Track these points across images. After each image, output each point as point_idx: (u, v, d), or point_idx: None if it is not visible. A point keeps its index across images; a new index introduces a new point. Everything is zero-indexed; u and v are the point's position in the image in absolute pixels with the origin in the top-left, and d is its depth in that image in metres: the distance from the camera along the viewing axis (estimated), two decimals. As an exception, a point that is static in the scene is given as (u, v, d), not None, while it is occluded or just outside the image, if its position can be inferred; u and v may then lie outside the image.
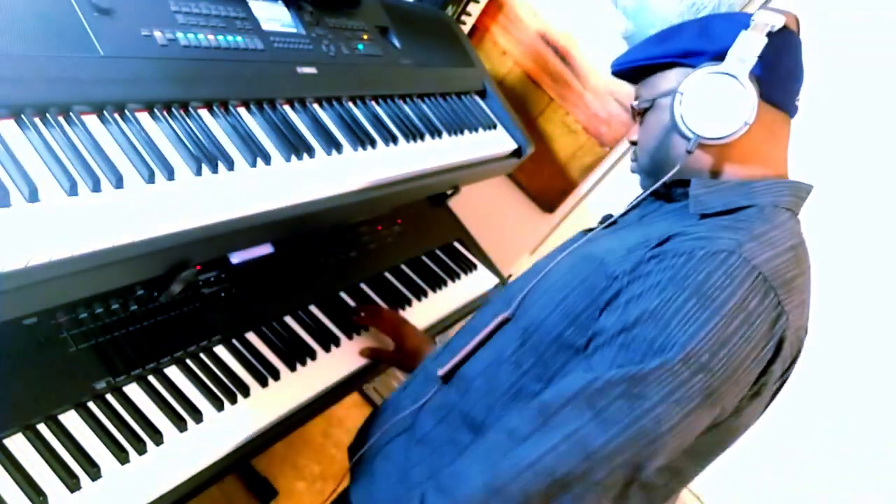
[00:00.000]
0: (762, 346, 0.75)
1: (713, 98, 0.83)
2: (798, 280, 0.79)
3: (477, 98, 1.72)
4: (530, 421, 0.77)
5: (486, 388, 0.88)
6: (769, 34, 0.82)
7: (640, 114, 0.95)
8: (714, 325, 0.71)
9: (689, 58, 0.87)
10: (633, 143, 0.98)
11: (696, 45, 0.87)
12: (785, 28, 0.84)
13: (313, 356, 1.25)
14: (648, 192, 0.92)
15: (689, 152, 0.85)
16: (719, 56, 0.84)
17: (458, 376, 0.94)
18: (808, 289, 0.83)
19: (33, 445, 0.87)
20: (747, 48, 0.82)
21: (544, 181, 2.09)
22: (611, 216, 0.99)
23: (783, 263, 0.77)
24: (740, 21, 0.84)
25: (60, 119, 0.84)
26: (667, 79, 0.90)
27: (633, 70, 0.95)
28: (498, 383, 0.87)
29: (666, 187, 0.91)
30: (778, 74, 0.85)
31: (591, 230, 0.98)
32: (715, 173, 0.88)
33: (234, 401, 1.09)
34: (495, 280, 1.82)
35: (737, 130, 0.83)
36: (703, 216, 0.84)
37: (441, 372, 0.95)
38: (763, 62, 0.83)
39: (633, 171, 1.00)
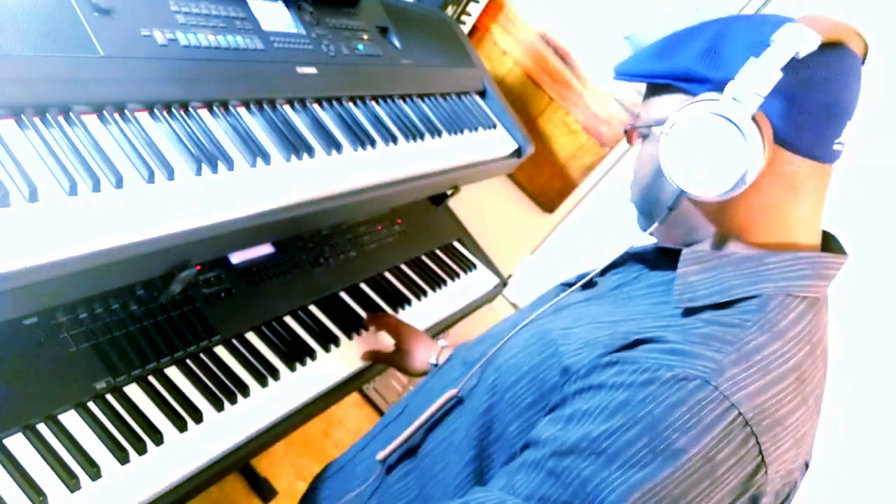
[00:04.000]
0: None
1: (704, 143, 0.64)
2: (797, 413, 0.64)
3: (477, 98, 1.72)
4: None
5: (430, 474, 0.79)
6: (794, 61, 0.61)
7: (638, 138, 0.77)
8: (665, 476, 0.57)
9: (690, 83, 0.69)
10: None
11: (700, 67, 0.68)
12: (828, 47, 0.63)
13: (313, 356, 1.25)
14: (633, 251, 0.80)
15: (671, 209, 0.70)
16: (724, 86, 0.64)
17: (405, 464, 0.84)
18: (813, 414, 0.68)
19: (33, 445, 0.87)
20: (752, 84, 0.62)
21: (544, 181, 2.09)
22: (587, 274, 0.85)
23: (776, 396, 0.62)
24: (763, 38, 0.63)
25: (60, 119, 0.84)
26: (665, 104, 0.72)
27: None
28: (444, 472, 0.77)
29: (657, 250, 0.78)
30: (806, 113, 0.65)
31: (569, 286, 0.85)
32: (716, 237, 0.71)
33: (234, 401, 1.09)
34: (495, 280, 1.82)
35: (730, 189, 0.64)
36: (689, 311, 0.67)
37: (380, 456, 0.85)
38: (783, 98, 0.64)
39: (630, 202, 0.82)
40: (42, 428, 0.89)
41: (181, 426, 1.00)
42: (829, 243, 0.74)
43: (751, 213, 0.69)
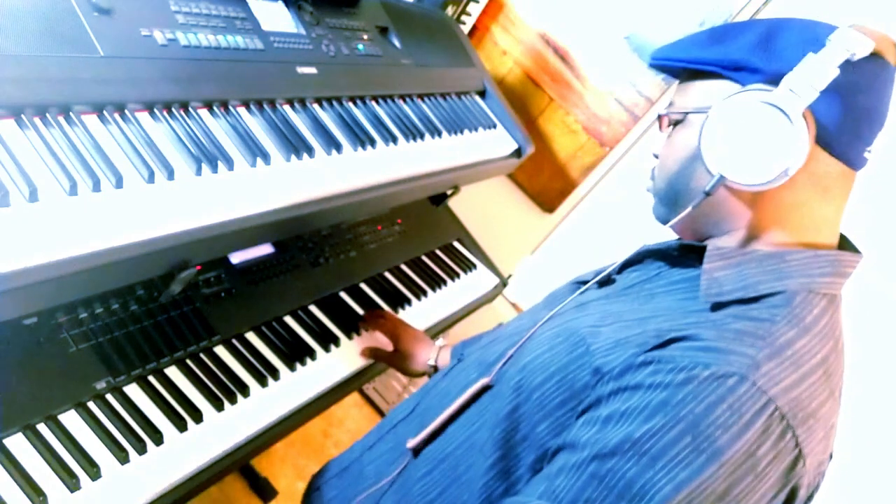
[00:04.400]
0: (769, 498, 0.62)
1: (751, 132, 0.66)
2: (826, 405, 0.66)
3: (477, 98, 1.72)
4: None
5: (453, 475, 0.78)
6: (847, 63, 0.64)
7: (669, 125, 0.78)
8: (710, 474, 0.58)
9: (739, 72, 0.70)
10: (656, 157, 0.81)
11: (752, 58, 0.69)
12: (873, 56, 0.66)
13: (313, 356, 1.25)
14: (651, 248, 0.80)
15: (707, 194, 0.70)
16: (776, 79, 0.66)
17: (428, 451, 0.83)
18: (837, 407, 0.69)
19: (33, 445, 0.87)
20: (809, 78, 0.64)
21: (544, 181, 2.09)
22: (602, 270, 0.85)
23: (808, 389, 0.63)
24: (817, 37, 0.66)
25: (60, 119, 0.84)
26: (708, 91, 0.73)
27: (676, 69, 0.79)
28: (469, 473, 0.76)
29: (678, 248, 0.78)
30: (848, 116, 0.67)
31: (583, 283, 0.85)
32: (741, 232, 0.72)
33: (234, 401, 1.09)
34: (495, 280, 1.82)
35: (772, 180, 0.66)
36: (717, 306, 0.68)
37: (412, 444, 0.85)
38: (831, 97, 0.65)
39: (648, 191, 0.83)
40: (42, 428, 0.89)
41: (181, 426, 1.00)
42: (843, 243, 0.75)
43: (780, 208, 0.70)
